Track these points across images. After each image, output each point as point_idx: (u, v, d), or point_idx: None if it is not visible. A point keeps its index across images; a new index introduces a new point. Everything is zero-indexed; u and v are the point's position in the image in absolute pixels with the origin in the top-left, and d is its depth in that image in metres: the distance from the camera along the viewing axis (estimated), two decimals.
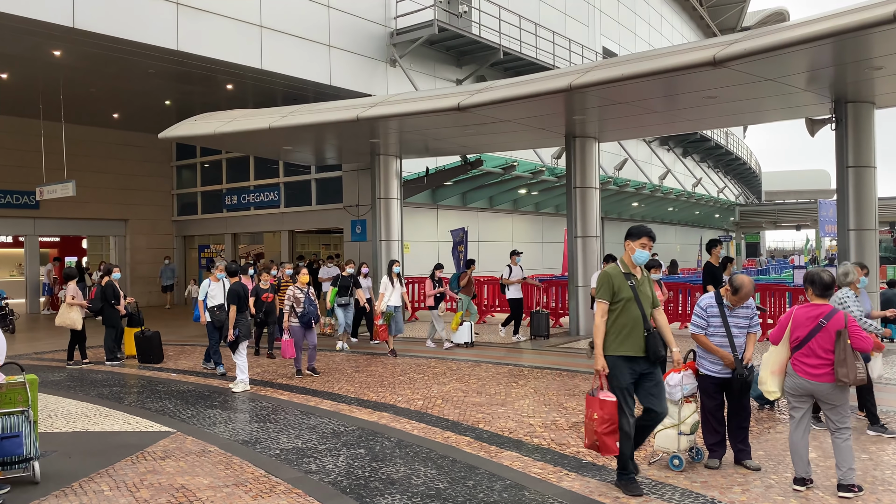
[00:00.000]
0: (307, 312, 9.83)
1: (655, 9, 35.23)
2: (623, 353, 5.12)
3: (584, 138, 13.84)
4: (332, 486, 5.37)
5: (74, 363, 11.50)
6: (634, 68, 9.55)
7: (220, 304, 10.38)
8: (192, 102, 18.19)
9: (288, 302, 9.96)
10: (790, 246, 73.47)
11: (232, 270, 10.10)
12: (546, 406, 7.97)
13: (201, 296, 10.63)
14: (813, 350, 4.91)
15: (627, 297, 5.14)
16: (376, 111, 12.24)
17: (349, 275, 13.07)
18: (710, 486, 5.25)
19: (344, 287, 12.95)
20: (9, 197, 20.84)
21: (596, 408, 5.01)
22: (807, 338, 4.95)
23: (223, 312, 10.24)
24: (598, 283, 5.26)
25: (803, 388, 4.99)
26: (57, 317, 11.50)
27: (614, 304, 5.16)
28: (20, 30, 12.15)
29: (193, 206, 24.44)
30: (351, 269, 13.17)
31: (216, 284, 10.55)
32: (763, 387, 5.29)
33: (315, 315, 9.93)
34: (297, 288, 9.96)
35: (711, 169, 42.47)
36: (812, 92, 10.71)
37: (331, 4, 16.49)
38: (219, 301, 10.42)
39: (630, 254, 5.32)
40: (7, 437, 5.33)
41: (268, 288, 11.88)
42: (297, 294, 9.89)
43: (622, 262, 5.34)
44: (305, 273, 10.21)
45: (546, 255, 24.94)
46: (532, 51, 21.77)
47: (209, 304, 10.51)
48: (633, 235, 5.35)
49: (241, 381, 9.20)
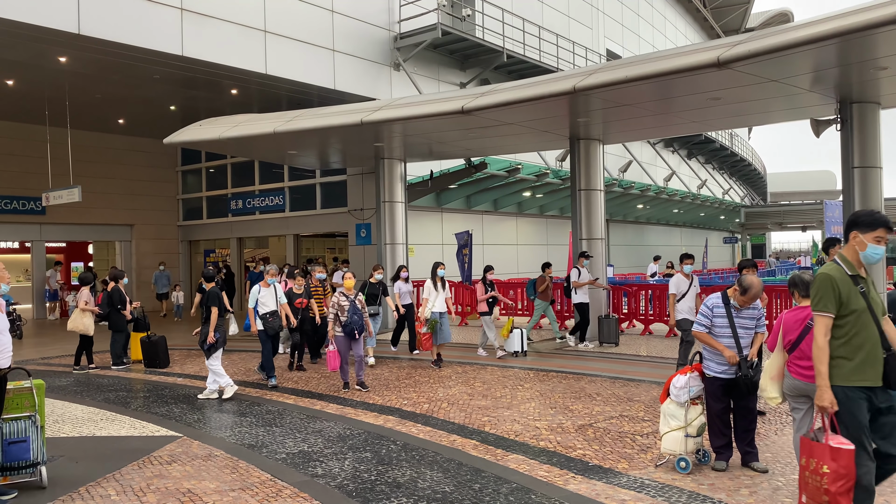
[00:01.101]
0: (350, 322, 9.03)
1: (659, 11, 35.22)
2: (861, 384, 3.92)
3: (588, 140, 13.83)
4: (339, 490, 5.37)
5: (81, 368, 11.53)
6: (638, 70, 9.54)
7: (272, 310, 9.70)
8: (197, 108, 18.25)
9: (332, 310, 9.24)
10: (796, 247, 73.19)
11: (209, 276, 9.90)
12: (552, 409, 7.95)
13: (251, 303, 9.82)
14: (804, 352, 4.93)
15: (860, 307, 3.94)
16: (380, 115, 12.26)
17: (377, 281, 12.05)
18: (718, 489, 5.23)
19: (372, 295, 11.87)
20: (15, 203, 20.93)
21: (826, 458, 3.87)
22: (797, 340, 4.98)
23: (276, 319, 9.69)
24: (816, 290, 4.05)
25: (798, 388, 5.01)
26: (69, 321, 11.55)
27: (842, 319, 3.97)
28: (26, 36, 12.22)
29: (199, 211, 24.51)
30: (379, 274, 12.13)
31: (267, 290, 9.80)
32: (764, 393, 5.28)
33: (360, 325, 9.12)
34: (343, 294, 9.23)
35: (716, 170, 42.39)
36: (817, 93, 10.68)
37: (335, 9, 16.53)
38: (271, 307, 9.72)
39: (860, 249, 4.02)
40: (14, 441, 5.35)
41: (301, 292, 11.29)
42: (341, 301, 9.16)
43: (844, 260, 4.06)
44: (351, 278, 9.52)
45: (551, 258, 24.85)
46: (536, 53, 21.78)
47: (261, 310, 9.70)
48: (865, 225, 3.99)
49: (210, 390, 9.01)
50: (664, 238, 35.06)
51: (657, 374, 9.97)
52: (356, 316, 9.09)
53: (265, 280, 9.84)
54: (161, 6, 13.27)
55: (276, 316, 9.72)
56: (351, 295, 9.25)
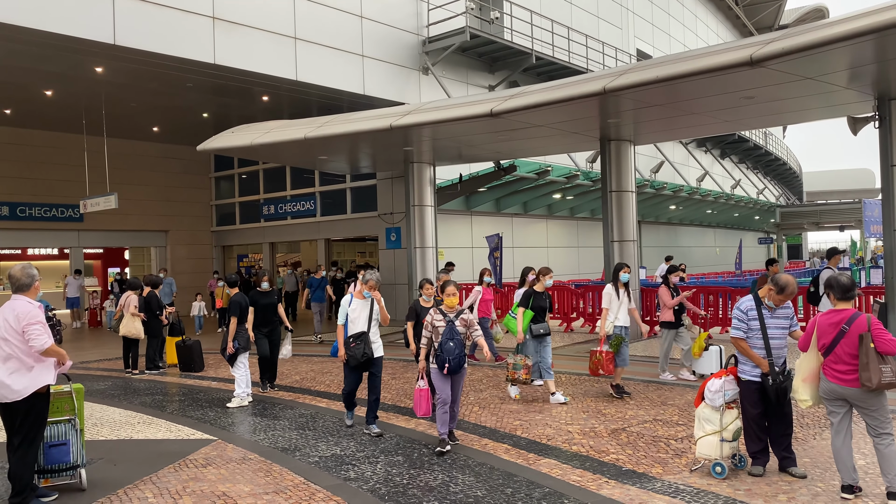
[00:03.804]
0: (444, 351, 6.49)
1: (690, 9, 34.81)
2: None
3: (619, 141, 13.71)
4: (371, 494, 5.39)
5: (139, 371, 11.82)
6: (669, 70, 9.43)
7: (360, 332, 7.23)
8: (229, 115, 18.51)
9: (425, 333, 6.78)
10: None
11: (232, 281, 9.72)
12: (584, 413, 7.89)
13: (341, 318, 7.42)
14: (839, 356, 4.86)
15: None
16: (409, 119, 12.30)
17: (544, 290, 8.91)
18: (755, 494, 5.14)
19: (541, 309, 8.79)
20: (54, 210, 21.45)
21: None
22: (832, 344, 4.90)
23: (362, 346, 7.18)
24: None
25: (836, 392, 4.93)
26: (121, 326, 11.78)
27: None
28: (64, 48, 12.53)
29: (232, 217, 24.85)
30: (550, 279, 8.97)
31: (360, 303, 7.35)
32: (795, 395, 5.19)
33: (458, 356, 6.51)
34: (439, 312, 6.74)
35: (750, 170, 41.74)
36: (854, 90, 10.45)
37: (364, 15, 16.64)
38: (360, 327, 7.27)
39: None
40: (55, 444, 5.47)
41: None
42: (435, 321, 6.70)
43: None
44: (454, 291, 6.82)
45: (582, 260, 24.76)
46: (565, 55, 21.68)
47: (349, 330, 7.34)
48: None
49: (238, 396, 8.95)
50: (697, 239, 34.62)
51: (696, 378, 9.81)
52: (452, 343, 6.54)
53: (360, 290, 7.44)
54: (193, 15, 13.49)
55: (365, 341, 7.21)
56: (451, 313, 6.73)
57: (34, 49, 12.64)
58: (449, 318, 6.68)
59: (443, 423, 6.61)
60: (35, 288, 5.30)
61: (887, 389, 4.75)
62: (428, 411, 6.83)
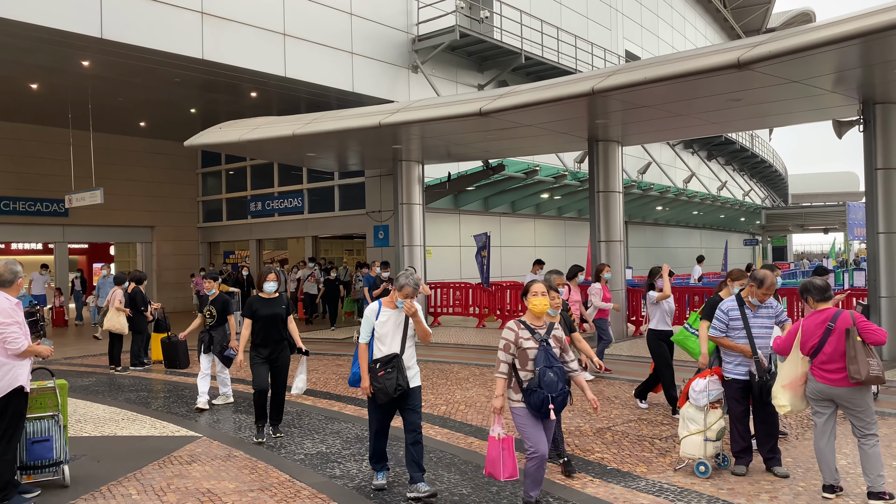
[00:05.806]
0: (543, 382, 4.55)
1: (678, 11, 34.98)
2: None
3: (606, 142, 13.78)
4: (356, 492, 5.39)
5: (123, 368, 11.71)
6: (657, 71, 9.49)
7: (391, 355, 5.23)
8: (217, 110, 18.42)
9: (503, 355, 4.75)
10: (818, 249, 72.43)
11: (212, 276, 8.94)
12: (570, 412, 7.92)
13: (364, 336, 5.41)
14: (829, 354, 4.90)
15: None
16: (398, 117, 12.29)
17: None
18: (737, 493, 5.18)
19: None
20: (39, 205, 21.23)
21: None
22: (820, 344, 4.94)
23: (395, 374, 5.16)
24: None
25: (823, 392, 4.97)
26: (105, 320, 11.71)
27: None
28: (50, 41, 12.41)
29: (219, 213, 24.72)
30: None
31: (391, 312, 5.35)
32: (774, 399, 5.23)
33: (562, 391, 4.60)
34: (520, 325, 4.76)
35: (737, 172, 42.00)
36: (839, 94, 10.56)
37: (353, 12, 16.61)
38: (392, 348, 5.27)
39: None
40: (37, 441, 5.43)
41: None
42: (520, 338, 4.71)
43: None
44: (543, 293, 4.80)
45: (569, 260, 24.81)
46: (554, 55, 21.73)
47: (376, 351, 5.32)
48: None
49: (224, 394, 8.88)
50: (684, 240, 34.81)
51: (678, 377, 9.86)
52: (552, 372, 4.58)
53: (390, 298, 5.43)
54: (182, 10, 13.40)
55: (399, 367, 5.20)
56: (540, 327, 4.77)
57: (20, 42, 12.52)
58: (539, 335, 4.69)
59: (535, 484, 4.72)
60: (18, 285, 5.26)
61: (874, 384, 4.80)
62: (515, 472, 4.73)
